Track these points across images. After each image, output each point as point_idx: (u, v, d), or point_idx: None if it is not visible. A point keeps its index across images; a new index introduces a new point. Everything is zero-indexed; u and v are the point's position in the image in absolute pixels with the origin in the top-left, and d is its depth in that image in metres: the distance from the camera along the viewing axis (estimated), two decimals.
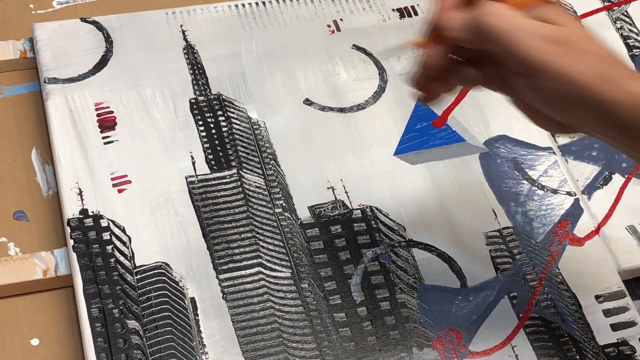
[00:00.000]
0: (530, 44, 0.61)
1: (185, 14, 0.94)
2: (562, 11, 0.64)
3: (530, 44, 0.61)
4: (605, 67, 0.62)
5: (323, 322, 0.76)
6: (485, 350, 0.77)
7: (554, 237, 0.84)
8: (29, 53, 0.91)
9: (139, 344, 0.73)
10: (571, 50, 0.62)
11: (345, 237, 0.81)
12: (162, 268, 0.77)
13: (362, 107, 0.90)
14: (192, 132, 0.86)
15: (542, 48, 0.61)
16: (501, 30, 0.62)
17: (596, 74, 0.61)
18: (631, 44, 0.99)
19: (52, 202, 0.83)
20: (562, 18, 0.63)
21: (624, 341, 0.79)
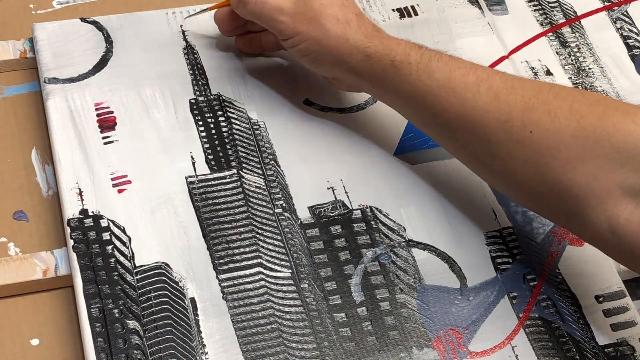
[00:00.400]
0: (276, 19, 0.82)
1: (186, 14, 0.94)
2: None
3: (277, 18, 0.82)
4: (339, 28, 0.80)
5: (323, 322, 0.76)
6: (485, 350, 0.77)
7: (553, 237, 0.84)
8: (29, 53, 0.91)
9: (139, 344, 0.73)
10: (307, 17, 0.81)
11: (345, 237, 0.81)
12: (162, 268, 0.77)
13: (362, 107, 0.90)
14: (192, 132, 0.86)
15: (285, 21, 0.81)
16: (255, 14, 0.83)
17: (333, 35, 0.80)
18: (631, 44, 1.00)
19: (52, 202, 0.83)
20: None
21: (624, 341, 0.79)
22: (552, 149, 0.71)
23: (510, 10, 1.01)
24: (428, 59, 0.77)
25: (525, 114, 0.73)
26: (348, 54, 0.80)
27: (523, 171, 0.73)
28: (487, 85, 0.75)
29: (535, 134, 0.72)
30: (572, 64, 0.97)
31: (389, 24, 0.97)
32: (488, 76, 0.76)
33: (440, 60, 0.77)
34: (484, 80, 0.75)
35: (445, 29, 0.98)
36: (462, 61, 0.78)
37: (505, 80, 0.75)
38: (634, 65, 0.98)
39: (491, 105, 0.74)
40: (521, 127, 0.73)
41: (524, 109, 0.73)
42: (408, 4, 0.99)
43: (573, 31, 1.00)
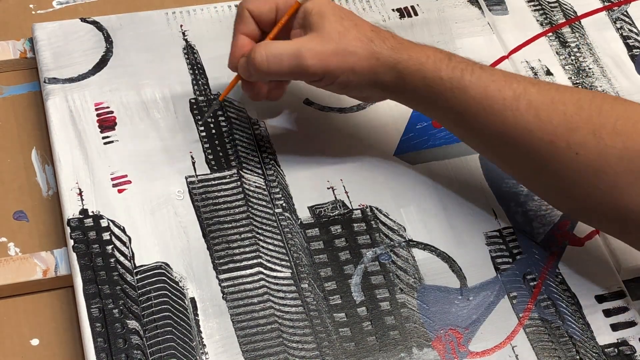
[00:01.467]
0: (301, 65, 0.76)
1: (185, 14, 0.94)
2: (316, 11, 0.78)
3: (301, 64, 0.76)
4: (366, 48, 0.77)
5: (323, 322, 0.76)
6: (485, 350, 0.77)
7: (554, 237, 0.84)
8: (29, 53, 0.91)
9: (139, 344, 0.73)
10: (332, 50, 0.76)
11: (345, 237, 0.81)
12: (162, 268, 0.77)
13: (362, 107, 0.90)
14: (192, 132, 0.86)
15: (311, 63, 0.76)
16: (273, 72, 0.78)
17: (363, 56, 0.77)
18: (631, 44, 1.00)
19: (52, 202, 0.83)
20: (316, 20, 0.77)
21: (624, 341, 0.79)
22: (598, 171, 0.71)
23: (510, 10, 1.01)
24: (460, 73, 0.75)
25: (570, 135, 0.71)
26: (382, 73, 0.77)
27: (570, 188, 0.73)
28: (526, 101, 0.73)
29: (580, 156, 0.71)
30: (572, 64, 0.97)
31: (389, 24, 0.97)
32: (525, 89, 0.74)
33: (473, 74, 0.75)
34: (521, 95, 0.73)
35: (445, 29, 0.98)
36: (494, 72, 0.76)
37: (544, 93, 0.73)
38: (634, 65, 0.98)
39: (533, 125, 0.73)
40: (566, 148, 0.72)
41: (569, 129, 0.71)
42: (408, 4, 0.99)
43: (573, 31, 1.00)
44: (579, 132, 0.71)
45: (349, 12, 0.80)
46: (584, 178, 0.72)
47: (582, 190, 0.72)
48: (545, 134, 0.72)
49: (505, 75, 0.75)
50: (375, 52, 0.77)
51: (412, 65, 0.76)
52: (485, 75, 0.75)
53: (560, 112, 0.72)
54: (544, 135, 0.72)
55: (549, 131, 0.72)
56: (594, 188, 0.71)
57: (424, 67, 0.76)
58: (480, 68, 0.76)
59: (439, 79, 0.76)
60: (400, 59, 0.77)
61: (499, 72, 0.76)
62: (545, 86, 0.74)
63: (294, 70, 0.77)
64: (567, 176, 0.73)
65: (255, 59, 0.77)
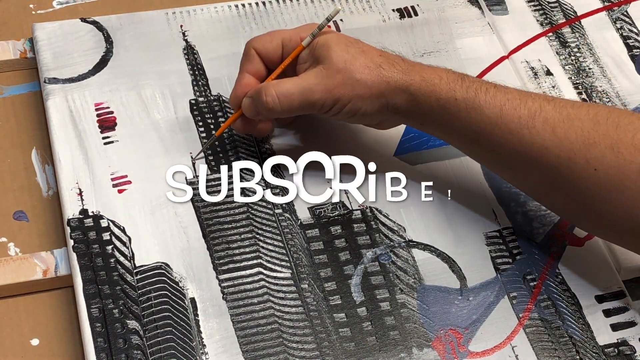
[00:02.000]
0: (311, 100, 0.77)
1: (185, 14, 0.94)
2: (321, 44, 0.78)
3: (311, 99, 0.77)
4: (375, 74, 0.77)
5: (323, 322, 0.76)
6: (485, 351, 0.77)
7: (554, 237, 0.84)
8: (29, 53, 0.91)
9: (139, 344, 0.73)
10: (339, 80, 0.76)
11: (345, 238, 0.81)
12: (162, 268, 0.77)
13: None
14: (192, 132, 0.86)
15: (320, 97, 0.77)
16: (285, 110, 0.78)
17: (372, 83, 0.77)
18: (631, 44, 1.00)
19: (52, 202, 0.83)
20: (322, 53, 0.78)
21: (624, 341, 0.79)
22: (617, 186, 0.70)
23: (510, 10, 1.01)
24: (474, 93, 0.75)
25: (588, 150, 0.71)
26: (393, 97, 0.77)
27: (590, 205, 0.73)
28: (541, 118, 0.73)
29: (599, 171, 0.71)
30: (572, 64, 0.97)
31: (389, 24, 0.97)
32: (540, 107, 0.74)
33: (487, 94, 0.75)
34: (537, 113, 0.73)
35: (445, 29, 0.98)
36: (509, 91, 0.76)
37: (559, 109, 0.73)
38: (634, 65, 0.98)
39: (550, 142, 0.72)
40: (585, 164, 0.71)
41: (586, 145, 0.71)
42: (408, 4, 0.99)
43: (573, 31, 1.00)
44: (596, 148, 0.71)
45: (355, 39, 0.80)
46: (604, 194, 0.71)
47: (601, 206, 0.72)
48: (563, 150, 0.72)
49: (519, 93, 0.75)
50: (384, 77, 0.77)
51: (424, 87, 0.76)
52: (500, 94, 0.75)
53: (577, 128, 0.72)
54: (561, 152, 0.72)
55: (566, 148, 0.72)
56: (614, 203, 0.71)
57: (438, 89, 0.76)
58: (495, 87, 0.76)
59: (454, 100, 0.75)
60: (412, 82, 0.77)
61: (514, 90, 0.76)
62: (560, 103, 0.74)
63: (304, 106, 0.78)
64: (586, 192, 0.72)
65: (267, 100, 0.78)
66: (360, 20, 0.97)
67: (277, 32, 0.81)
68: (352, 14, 0.97)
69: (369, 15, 0.97)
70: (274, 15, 0.95)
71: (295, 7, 0.96)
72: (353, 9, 0.97)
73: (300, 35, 0.80)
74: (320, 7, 0.97)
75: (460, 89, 0.76)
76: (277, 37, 0.81)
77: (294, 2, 0.97)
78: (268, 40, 0.81)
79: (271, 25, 0.95)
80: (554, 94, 0.94)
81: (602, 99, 0.95)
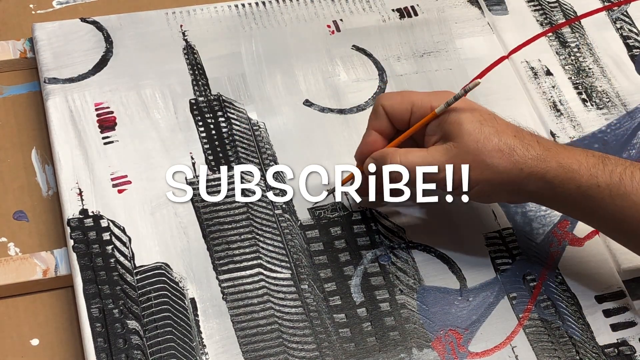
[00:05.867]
0: (435, 177, 0.74)
1: (185, 14, 0.94)
2: (452, 119, 0.74)
3: (438, 176, 0.74)
4: (507, 160, 0.72)
5: (323, 323, 0.76)
6: (485, 351, 0.77)
7: (553, 238, 0.84)
8: (29, 53, 0.91)
9: (139, 344, 0.73)
10: (469, 162, 0.73)
11: (345, 239, 0.81)
12: (162, 268, 0.77)
13: (362, 108, 0.90)
14: (192, 132, 0.86)
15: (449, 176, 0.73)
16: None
17: (504, 170, 0.72)
18: (631, 44, 1.00)
19: (52, 202, 0.83)
20: (454, 128, 0.74)
21: (624, 341, 0.79)
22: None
23: (510, 10, 1.01)
24: (619, 178, 0.72)
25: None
26: (526, 183, 0.73)
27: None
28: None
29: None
30: (572, 64, 0.97)
31: (389, 24, 0.97)
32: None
33: (633, 178, 0.71)
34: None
35: (445, 29, 0.98)
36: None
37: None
38: (634, 65, 0.98)
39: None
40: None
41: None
42: (408, 4, 0.99)
43: (573, 31, 1.00)
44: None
45: (490, 115, 0.75)
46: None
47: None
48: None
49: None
50: (518, 164, 0.72)
51: (562, 174, 0.72)
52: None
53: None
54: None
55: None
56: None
57: (577, 175, 0.72)
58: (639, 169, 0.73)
59: (596, 187, 0.72)
60: (548, 168, 0.72)
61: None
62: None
63: (432, 182, 0.75)
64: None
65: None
66: (360, 20, 0.97)
67: (408, 94, 0.77)
68: (352, 13, 0.97)
69: (369, 15, 0.97)
70: (274, 15, 0.95)
71: (295, 7, 0.96)
72: (353, 8, 0.97)
73: (431, 102, 0.76)
74: (320, 7, 0.97)
75: (603, 174, 0.72)
76: (407, 100, 0.77)
77: (294, 2, 0.97)
78: (398, 102, 0.77)
79: (271, 25, 0.95)
80: (554, 94, 0.94)
81: (602, 98, 0.95)
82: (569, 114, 0.93)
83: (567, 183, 0.72)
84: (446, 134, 0.74)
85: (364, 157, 0.79)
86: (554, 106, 0.93)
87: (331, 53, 0.94)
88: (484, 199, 0.77)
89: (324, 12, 0.97)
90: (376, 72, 0.93)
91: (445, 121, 0.75)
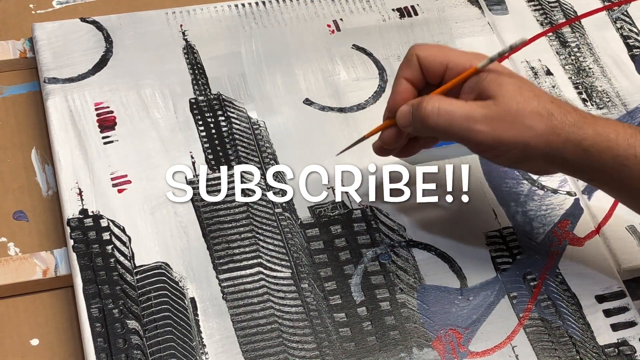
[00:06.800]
0: (472, 129, 0.71)
1: (185, 14, 0.94)
2: (492, 78, 0.72)
3: (472, 128, 0.71)
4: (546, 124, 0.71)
5: (323, 322, 0.76)
6: (485, 351, 0.77)
7: (554, 237, 0.84)
8: (29, 53, 0.91)
9: (139, 344, 0.73)
10: (508, 121, 0.71)
11: (345, 237, 0.81)
12: (162, 268, 0.77)
13: (362, 107, 0.90)
14: (192, 132, 0.86)
15: (483, 130, 0.71)
16: (440, 128, 0.72)
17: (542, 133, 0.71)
18: (631, 44, 1.00)
19: (52, 202, 0.83)
20: (494, 87, 0.72)
21: (624, 341, 0.79)
22: None
23: (510, 10, 1.01)
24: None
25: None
26: (563, 150, 0.71)
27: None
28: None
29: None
30: (572, 63, 0.97)
31: (389, 24, 0.97)
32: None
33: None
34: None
35: (445, 29, 0.98)
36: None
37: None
38: (634, 65, 0.98)
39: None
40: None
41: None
42: (408, 4, 0.99)
43: (573, 31, 1.00)
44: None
45: (528, 81, 0.74)
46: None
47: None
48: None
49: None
50: (556, 128, 0.71)
51: (600, 142, 0.71)
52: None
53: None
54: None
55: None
56: None
57: (614, 144, 0.71)
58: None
59: (634, 157, 0.71)
60: (585, 136, 0.71)
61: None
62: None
63: (463, 132, 0.72)
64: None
65: (426, 110, 0.72)
66: (360, 19, 0.97)
67: (445, 49, 0.75)
68: (352, 13, 0.97)
69: (369, 15, 0.97)
70: (274, 15, 0.95)
71: (295, 7, 0.96)
72: (353, 8, 0.97)
73: (471, 61, 0.73)
74: (320, 7, 0.97)
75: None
76: (444, 54, 0.74)
77: (294, 2, 0.97)
78: (435, 54, 0.74)
79: (271, 24, 0.95)
80: (554, 93, 0.94)
81: (602, 98, 0.95)
82: None
83: (604, 152, 0.71)
84: (485, 93, 0.72)
85: (397, 106, 0.75)
86: None
87: (331, 52, 0.94)
88: (518, 164, 0.74)
89: (324, 11, 0.97)
90: (376, 71, 0.93)
91: (485, 79, 0.72)
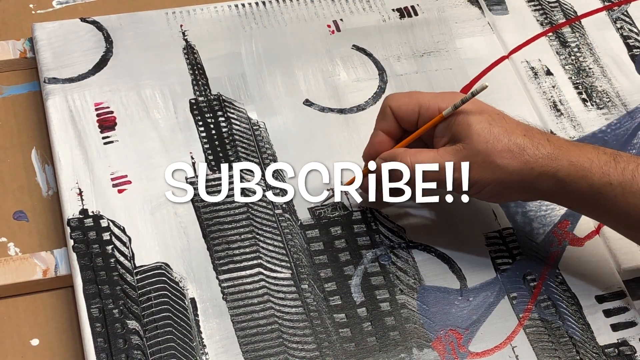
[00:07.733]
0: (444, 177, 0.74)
1: (185, 14, 0.94)
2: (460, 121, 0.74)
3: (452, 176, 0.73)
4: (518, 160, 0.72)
5: (323, 322, 0.76)
6: (485, 351, 0.77)
7: (554, 238, 0.84)
8: (29, 53, 0.91)
9: (139, 344, 0.73)
10: (479, 163, 0.72)
11: (345, 239, 0.81)
12: (162, 268, 0.77)
13: (362, 107, 0.90)
14: (192, 132, 0.86)
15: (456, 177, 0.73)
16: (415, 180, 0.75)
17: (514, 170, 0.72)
18: (631, 44, 1.00)
19: (52, 202, 0.83)
20: (462, 130, 0.74)
21: (624, 341, 0.79)
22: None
23: (510, 10, 1.01)
24: (631, 176, 0.71)
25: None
26: (537, 182, 0.73)
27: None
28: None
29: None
30: (572, 63, 0.97)
31: (389, 24, 0.97)
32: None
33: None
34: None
35: (445, 29, 0.98)
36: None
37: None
38: (634, 65, 0.98)
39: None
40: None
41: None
42: (408, 4, 0.99)
43: (573, 31, 1.00)
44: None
45: (498, 114, 0.75)
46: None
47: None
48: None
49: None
50: (528, 162, 0.72)
51: (574, 172, 0.72)
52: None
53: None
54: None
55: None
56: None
57: (589, 173, 0.72)
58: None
59: (608, 185, 0.71)
60: (560, 167, 0.72)
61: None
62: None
63: (437, 180, 0.75)
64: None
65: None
66: (360, 20, 0.97)
67: (416, 95, 0.77)
68: (352, 13, 0.97)
69: (369, 15, 0.97)
70: (274, 15, 0.95)
71: (295, 7, 0.96)
72: (353, 8, 0.97)
73: (439, 104, 0.75)
74: (320, 7, 0.97)
75: (615, 172, 0.71)
76: (415, 101, 0.77)
77: (294, 2, 0.97)
78: (405, 103, 0.77)
79: (271, 24, 0.95)
80: (554, 93, 0.94)
81: (602, 98, 0.95)
82: (569, 113, 0.93)
83: (579, 181, 0.72)
84: (455, 136, 0.74)
85: (371, 157, 0.79)
86: (554, 106, 0.93)
87: (331, 53, 0.94)
88: (496, 198, 0.77)
89: (324, 12, 0.97)
90: (376, 71, 0.93)
91: (454, 123, 0.74)
